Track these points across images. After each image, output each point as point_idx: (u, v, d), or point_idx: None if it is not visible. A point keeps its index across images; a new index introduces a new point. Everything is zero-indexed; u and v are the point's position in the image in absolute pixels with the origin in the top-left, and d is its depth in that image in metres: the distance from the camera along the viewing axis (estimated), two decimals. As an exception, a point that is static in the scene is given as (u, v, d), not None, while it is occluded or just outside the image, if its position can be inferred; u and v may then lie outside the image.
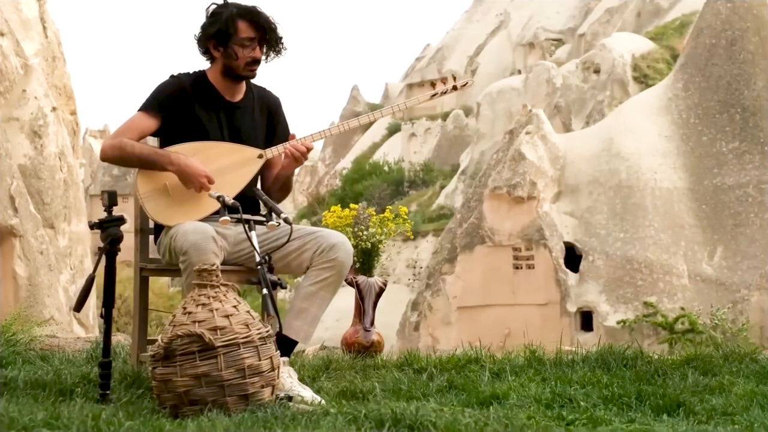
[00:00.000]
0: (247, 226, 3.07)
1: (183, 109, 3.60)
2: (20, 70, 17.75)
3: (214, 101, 3.64)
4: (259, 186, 3.65)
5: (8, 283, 16.87)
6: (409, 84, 56.98)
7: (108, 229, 3.17)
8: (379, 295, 4.10)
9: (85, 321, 19.75)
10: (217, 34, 3.59)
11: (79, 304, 3.10)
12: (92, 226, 3.16)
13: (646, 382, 3.29)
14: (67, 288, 18.91)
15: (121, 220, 3.17)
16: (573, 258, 24.52)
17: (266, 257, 3.01)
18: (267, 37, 3.59)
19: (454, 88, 3.58)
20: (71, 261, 19.37)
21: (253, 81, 3.76)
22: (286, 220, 3.16)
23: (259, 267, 2.95)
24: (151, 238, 3.77)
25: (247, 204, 3.35)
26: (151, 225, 3.72)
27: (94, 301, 21.35)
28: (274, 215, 3.13)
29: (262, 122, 3.73)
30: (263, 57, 3.62)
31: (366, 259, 4.03)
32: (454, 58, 55.14)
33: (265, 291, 2.90)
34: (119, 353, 3.99)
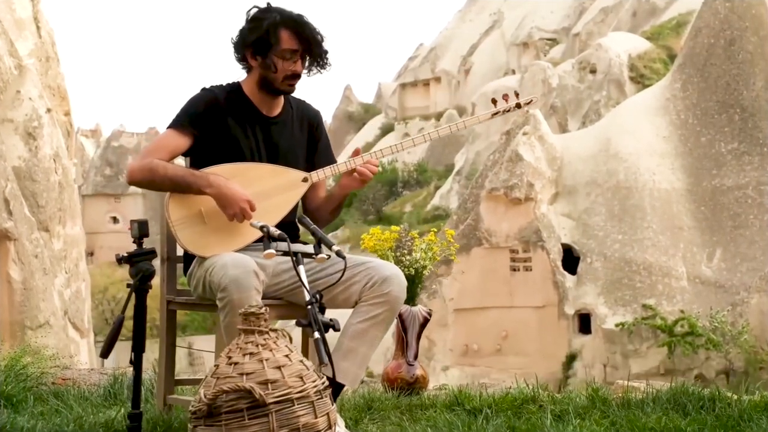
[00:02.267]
0: (294, 259, 2.76)
1: (216, 125, 3.27)
2: (14, 70, 17.47)
3: (250, 116, 3.32)
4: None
5: (3, 287, 16.61)
6: (402, 84, 56.76)
7: (138, 263, 2.75)
8: (423, 325, 3.78)
9: (81, 325, 19.50)
10: (256, 42, 3.25)
11: (107, 350, 2.75)
12: (120, 261, 2.81)
13: (731, 429, 2.99)
14: (62, 292, 18.65)
15: (152, 254, 2.83)
16: (571, 260, 24.36)
17: (317, 296, 2.62)
18: (311, 50, 3.25)
19: (518, 105, 3.25)
20: (66, 264, 19.12)
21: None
22: (338, 254, 2.79)
23: (309, 307, 2.59)
24: (179, 266, 3.49)
25: (287, 232, 2.97)
26: (179, 252, 3.37)
27: (88, 304, 21.11)
28: (323, 247, 2.81)
29: (303, 138, 3.41)
30: (305, 71, 3.29)
31: (409, 286, 3.74)
32: (447, 58, 54.97)
33: (317, 335, 2.53)
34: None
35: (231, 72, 3.65)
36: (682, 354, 21.79)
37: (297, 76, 3.30)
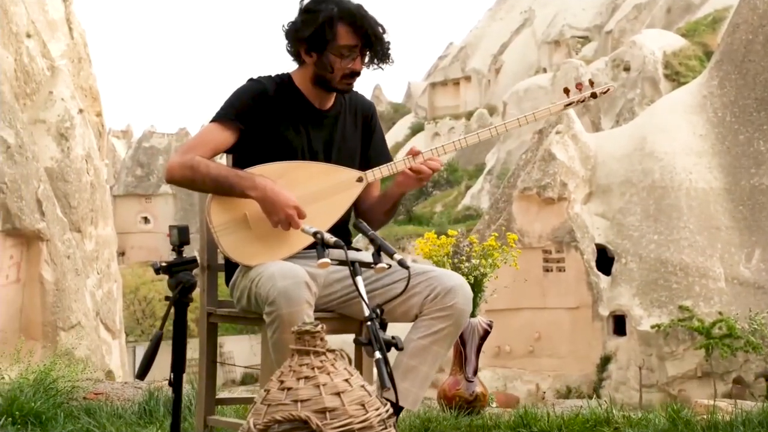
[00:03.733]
0: (352, 269, 2.48)
1: (265, 119, 2.97)
2: (47, 71, 17.44)
3: (301, 110, 3.04)
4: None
5: (35, 287, 16.54)
6: (432, 83, 56.46)
7: (178, 273, 2.48)
8: (483, 338, 3.55)
9: (112, 326, 19.46)
10: (311, 37, 2.94)
11: (144, 371, 2.48)
12: (158, 270, 2.50)
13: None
14: (93, 292, 18.61)
15: (193, 263, 2.56)
16: (605, 260, 24.02)
17: (378, 310, 2.31)
18: (371, 45, 2.95)
19: (593, 95, 2.95)
20: (98, 265, 19.07)
21: None
22: (401, 263, 2.48)
23: (369, 323, 2.29)
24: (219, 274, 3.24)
25: (340, 237, 2.67)
26: (221, 260, 3.08)
27: (120, 305, 21.06)
28: (383, 255, 2.53)
29: (357, 132, 3.15)
30: (364, 67, 2.98)
31: (467, 296, 3.46)
32: (477, 57, 54.61)
33: (378, 355, 2.23)
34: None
35: (261, 72, 3.37)
36: (720, 357, 21.35)
37: (356, 74, 3.01)
